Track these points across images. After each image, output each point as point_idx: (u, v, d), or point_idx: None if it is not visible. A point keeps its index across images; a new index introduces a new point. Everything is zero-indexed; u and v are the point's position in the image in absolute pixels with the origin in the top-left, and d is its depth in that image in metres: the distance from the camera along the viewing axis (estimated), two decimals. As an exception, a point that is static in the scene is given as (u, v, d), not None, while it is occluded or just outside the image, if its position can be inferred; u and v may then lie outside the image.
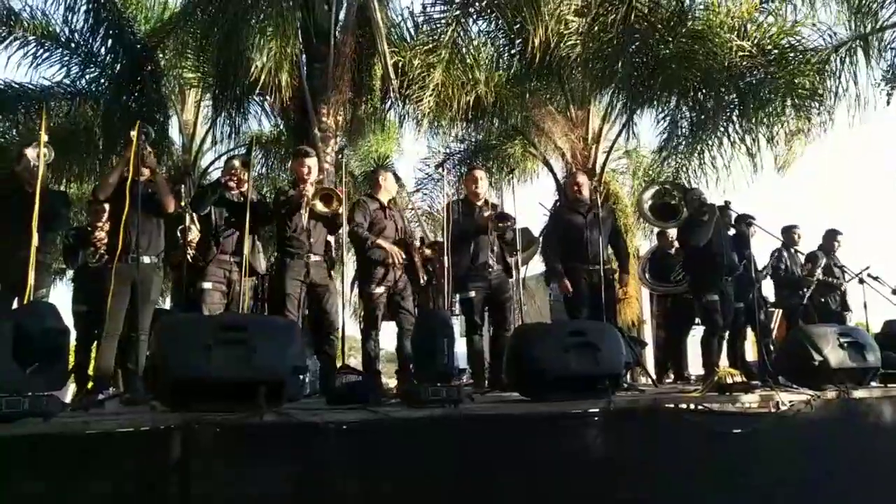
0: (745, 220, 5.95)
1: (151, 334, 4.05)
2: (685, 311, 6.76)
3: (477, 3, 8.79)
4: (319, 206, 4.73)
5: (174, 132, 10.99)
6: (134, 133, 4.19)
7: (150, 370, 3.32)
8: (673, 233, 7.10)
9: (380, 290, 4.99)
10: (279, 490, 2.84)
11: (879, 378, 4.70)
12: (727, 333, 6.05)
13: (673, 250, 7.22)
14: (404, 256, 5.08)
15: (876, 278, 6.82)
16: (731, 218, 6.03)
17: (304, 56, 8.64)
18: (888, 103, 8.63)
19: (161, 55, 10.19)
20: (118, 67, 9.59)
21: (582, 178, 6.04)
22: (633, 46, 8.67)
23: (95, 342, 5.29)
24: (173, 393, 3.03)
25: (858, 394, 4.20)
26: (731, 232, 6.22)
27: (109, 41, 9.46)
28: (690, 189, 6.77)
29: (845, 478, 3.73)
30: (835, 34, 8.90)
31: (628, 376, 5.74)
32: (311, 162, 4.93)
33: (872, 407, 4.23)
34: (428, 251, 6.38)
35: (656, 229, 8.05)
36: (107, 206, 4.77)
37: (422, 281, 5.32)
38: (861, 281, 6.95)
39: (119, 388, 5.18)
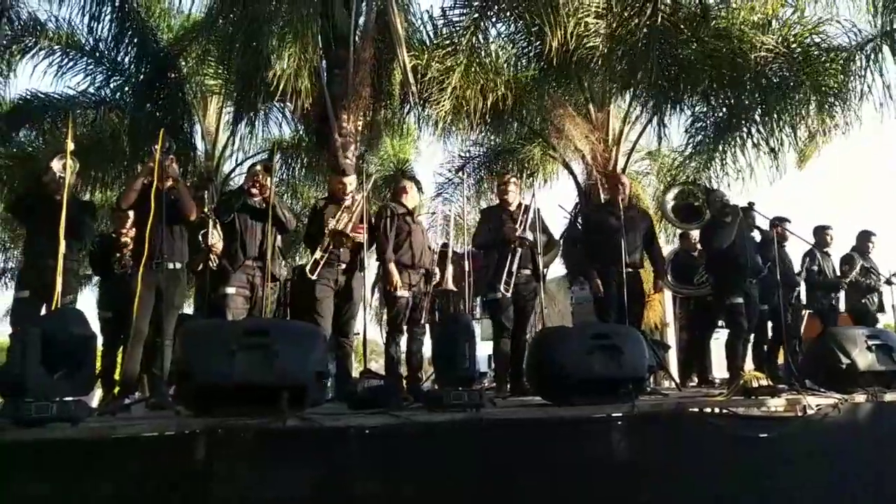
0: (779, 223, 5.88)
1: (175, 339, 4.10)
2: (708, 314, 6.69)
3: (496, 6, 8.78)
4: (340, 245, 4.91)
5: (197, 139, 11.12)
6: (157, 146, 4.26)
7: (175, 375, 3.35)
8: (696, 234, 7.04)
9: (404, 293, 5.04)
10: (302, 494, 2.86)
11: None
12: (752, 336, 5.97)
13: (696, 252, 7.14)
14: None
15: (904, 280, 6.72)
16: (754, 219, 5.96)
17: (324, 62, 8.69)
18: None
19: (184, 63, 10.32)
20: (142, 76, 9.71)
21: (625, 180, 6.11)
22: (658, 48, 8.59)
23: (121, 347, 5.36)
24: (197, 398, 3.07)
25: (887, 397, 4.12)
26: (756, 234, 6.14)
27: (134, 50, 9.58)
28: (713, 191, 6.69)
29: (873, 482, 3.67)
30: (859, 31, 8.76)
31: (652, 380, 5.69)
32: (349, 180, 5.13)
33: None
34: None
35: (678, 231, 7.99)
36: (131, 213, 4.84)
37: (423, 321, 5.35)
38: (888, 283, 6.83)
39: (144, 393, 5.24)
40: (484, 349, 6.03)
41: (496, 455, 3.15)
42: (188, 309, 6.83)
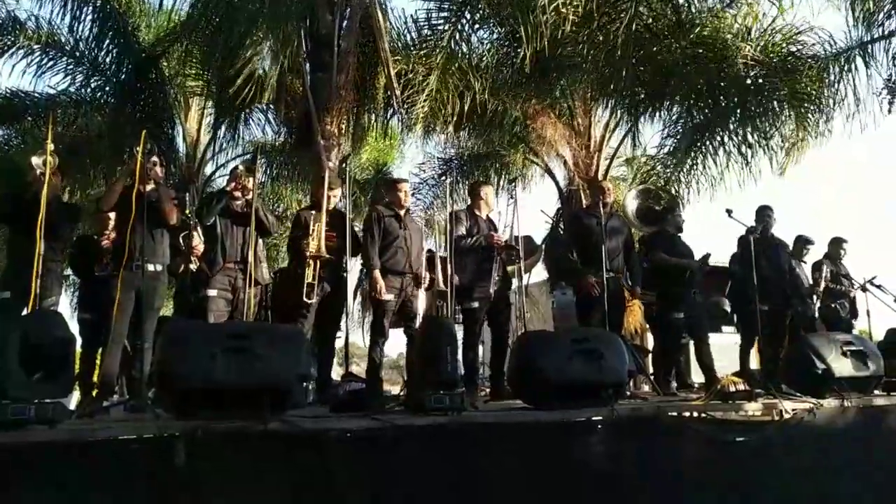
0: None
1: (156, 342, 4.08)
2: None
3: (477, 13, 8.80)
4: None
5: (178, 140, 11.06)
6: (139, 148, 4.24)
7: (156, 377, 3.33)
8: None
9: (389, 297, 5.01)
10: (283, 498, 2.85)
11: (882, 386, 4.72)
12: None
13: None
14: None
15: (879, 286, 6.83)
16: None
17: (307, 65, 8.69)
18: (889, 111, 8.64)
19: (165, 64, 10.25)
20: (123, 76, 9.65)
21: (609, 185, 6.22)
22: (637, 55, 8.67)
23: (100, 350, 5.31)
24: (178, 400, 3.05)
25: (861, 402, 4.20)
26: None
27: (114, 50, 9.51)
28: (673, 208, 6.70)
29: (847, 486, 3.73)
30: (835, 42, 8.94)
31: (632, 384, 5.74)
32: (335, 193, 5.21)
33: (875, 415, 4.23)
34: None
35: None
36: (112, 215, 4.80)
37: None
38: (864, 289, 6.95)
39: (123, 396, 5.20)
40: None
41: (478, 458, 3.16)
42: (168, 311, 6.79)
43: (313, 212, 5.08)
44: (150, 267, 4.35)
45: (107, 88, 9.77)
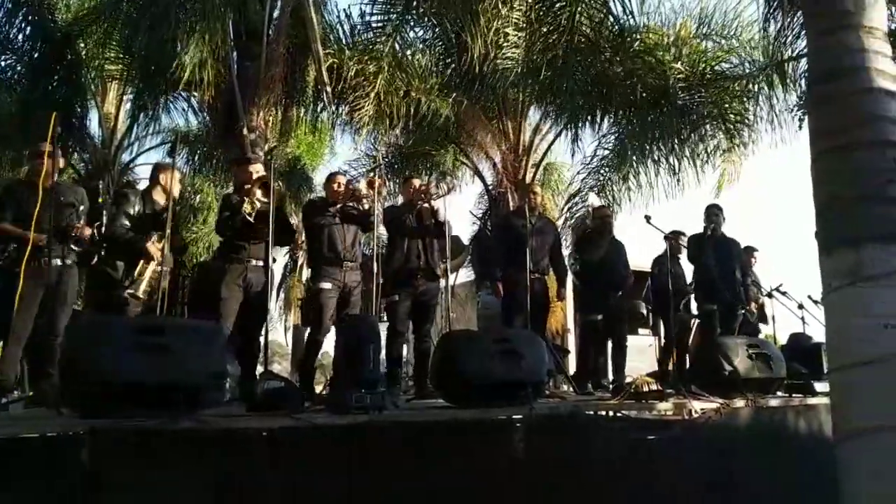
0: (674, 236, 6.28)
1: (63, 336, 3.88)
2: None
3: (414, 12, 8.79)
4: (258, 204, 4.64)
5: (93, 125, 10.58)
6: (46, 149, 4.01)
7: (62, 373, 3.18)
8: None
9: (326, 285, 4.84)
10: (193, 499, 2.76)
11: (785, 388, 4.99)
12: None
13: None
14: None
15: (784, 293, 7.18)
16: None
17: (234, 54, 8.46)
18: (800, 128, 9.12)
19: (82, 45, 9.76)
20: (36, 55, 9.16)
21: (538, 188, 6.41)
22: (576, 63, 8.84)
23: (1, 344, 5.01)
24: (85, 397, 2.91)
25: (765, 402, 4.43)
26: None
27: (28, 27, 9.05)
28: (599, 206, 6.90)
29: (752, 482, 3.92)
30: (754, 61, 9.38)
31: (551, 384, 5.86)
32: (256, 168, 4.92)
33: (778, 415, 4.47)
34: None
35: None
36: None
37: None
38: (769, 295, 7.30)
39: (26, 392, 4.92)
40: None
41: (399, 457, 3.15)
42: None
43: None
44: (58, 262, 4.13)
45: (18, 67, 9.30)
